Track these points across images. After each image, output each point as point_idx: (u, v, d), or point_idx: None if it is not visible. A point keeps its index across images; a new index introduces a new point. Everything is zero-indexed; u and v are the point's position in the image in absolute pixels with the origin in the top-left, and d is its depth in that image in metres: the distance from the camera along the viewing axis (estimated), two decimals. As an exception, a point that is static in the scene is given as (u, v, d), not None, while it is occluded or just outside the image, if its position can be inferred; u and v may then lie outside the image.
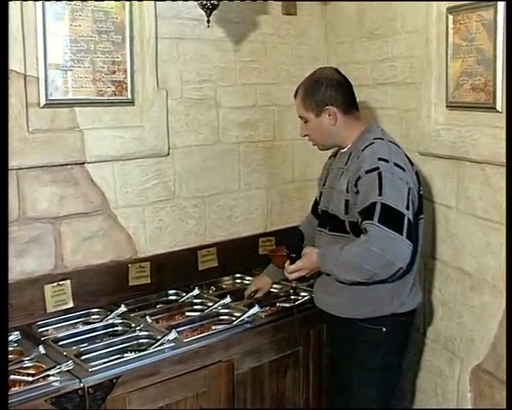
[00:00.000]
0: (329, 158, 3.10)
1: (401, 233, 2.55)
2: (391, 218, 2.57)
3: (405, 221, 2.58)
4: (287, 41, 3.96)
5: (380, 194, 2.59)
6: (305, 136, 2.95)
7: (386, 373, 2.86)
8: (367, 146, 2.74)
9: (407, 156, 2.84)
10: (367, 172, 2.65)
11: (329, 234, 2.86)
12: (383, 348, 2.80)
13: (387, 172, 2.63)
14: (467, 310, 3.14)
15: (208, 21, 3.24)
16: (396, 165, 2.67)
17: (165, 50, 3.43)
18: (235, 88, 3.76)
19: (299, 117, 2.93)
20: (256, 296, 3.38)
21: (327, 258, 2.75)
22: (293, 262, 2.86)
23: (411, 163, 2.84)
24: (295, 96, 2.93)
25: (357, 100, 2.92)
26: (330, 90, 2.81)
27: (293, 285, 3.07)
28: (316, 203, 3.18)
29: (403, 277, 2.71)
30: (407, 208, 2.61)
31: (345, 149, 2.88)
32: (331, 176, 2.94)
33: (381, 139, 2.77)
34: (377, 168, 2.63)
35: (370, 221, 2.58)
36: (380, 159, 2.66)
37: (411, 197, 2.66)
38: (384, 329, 2.77)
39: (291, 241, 2.93)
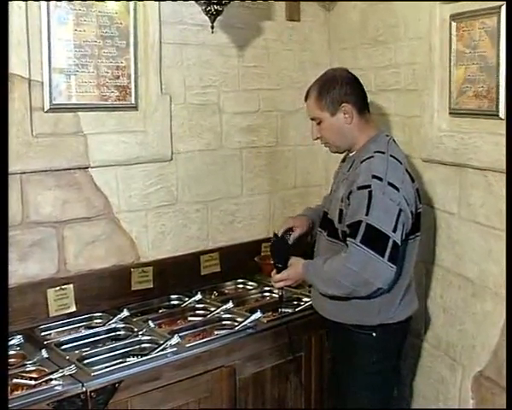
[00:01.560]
0: (342, 161, 3.05)
1: (382, 255, 2.54)
2: (374, 239, 2.56)
3: (389, 244, 2.55)
4: (290, 47, 3.97)
5: (367, 213, 2.57)
6: (317, 139, 2.91)
7: (379, 378, 2.86)
8: (366, 159, 2.70)
9: (409, 173, 2.77)
10: (359, 188, 2.63)
11: (326, 238, 2.88)
12: (374, 352, 2.81)
13: (379, 192, 2.59)
14: (468, 317, 3.14)
15: (212, 27, 3.24)
16: (390, 184, 2.62)
17: (169, 56, 3.44)
18: (238, 93, 3.77)
19: (312, 119, 2.88)
20: (294, 235, 3.02)
21: (310, 270, 2.78)
22: (279, 272, 2.89)
23: (412, 179, 2.79)
24: (306, 97, 2.89)
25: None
26: (346, 88, 2.79)
27: (280, 294, 3.09)
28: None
29: (390, 292, 2.71)
30: (394, 231, 2.58)
31: (351, 155, 2.87)
32: (337, 180, 2.94)
33: (382, 153, 2.71)
34: (369, 186, 2.60)
35: (353, 240, 2.58)
36: (374, 176, 2.62)
37: (402, 219, 2.62)
38: (374, 334, 2.78)
39: (277, 251, 2.95)
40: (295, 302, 3.43)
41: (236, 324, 3.10)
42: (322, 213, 3.02)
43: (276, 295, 3.45)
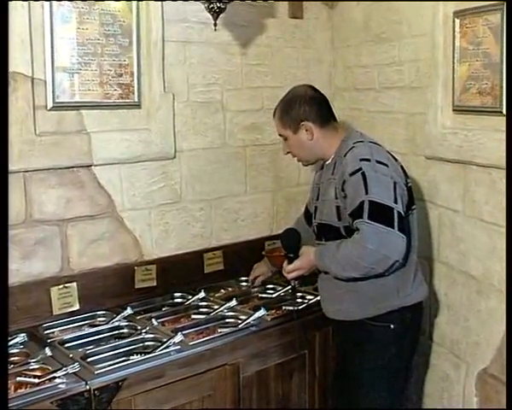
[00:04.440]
0: (316, 172, 3.14)
1: (392, 226, 2.59)
2: (380, 213, 2.61)
3: (395, 214, 2.62)
4: (293, 44, 3.96)
5: (366, 192, 2.63)
6: (288, 153, 3.03)
7: (395, 372, 2.87)
8: (348, 151, 2.79)
9: (390, 154, 2.88)
10: (351, 174, 2.70)
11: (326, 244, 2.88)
12: (392, 346, 2.82)
13: (370, 171, 2.68)
14: (472, 314, 3.13)
15: (215, 25, 3.24)
16: (378, 162, 2.72)
17: (172, 54, 3.44)
18: (241, 91, 3.76)
19: (280, 135, 3.01)
20: (257, 282, 3.59)
21: (324, 256, 2.79)
22: (290, 262, 2.89)
23: (395, 159, 2.89)
24: (274, 116, 3.03)
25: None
26: (304, 107, 2.89)
27: (293, 285, 3.09)
28: (307, 209, 3.30)
29: (402, 269, 2.75)
30: (395, 202, 2.65)
31: (329, 161, 2.92)
32: (322, 190, 2.97)
33: (361, 142, 2.83)
34: (360, 169, 2.69)
35: (361, 219, 2.62)
36: (361, 159, 2.72)
37: (398, 191, 2.70)
38: (392, 326, 2.80)
39: (288, 241, 2.95)
40: (300, 300, 3.43)
41: (240, 321, 3.10)
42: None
43: (279, 293, 3.48)
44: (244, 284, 3.75)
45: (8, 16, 2.74)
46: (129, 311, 3.17)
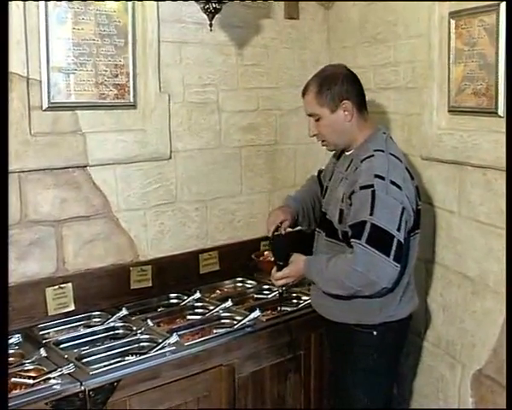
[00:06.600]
0: (334, 157, 3.05)
1: (388, 255, 2.52)
2: (379, 239, 2.54)
3: (394, 243, 2.54)
4: (289, 45, 3.96)
5: (371, 213, 2.55)
6: (314, 136, 2.87)
7: (377, 376, 2.85)
8: (366, 158, 2.68)
9: (408, 170, 2.77)
10: (361, 187, 2.61)
11: (325, 239, 2.87)
12: (374, 350, 2.80)
13: (382, 191, 2.57)
14: (468, 315, 3.13)
15: (211, 25, 3.23)
16: (392, 183, 2.60)
17: (168, 54, 3.44)
18: (237, 92, 3.76)
19: (310, 115, 2.83)
20: (282, 231, 3.04)
21: (312, 268, 2.76)
22: (279, 269, 2.84)
23: (412, 177, 2.78)
24: (304, 93, 2.83)
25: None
26: (347, 85, 2.76)
27: (280, 291, 3.07)
28: (320, 171, 3.22)
29: (391, 290, 2.69)
30: (398, 230, 2.56)
31: (348, 153, 2.85)
32: (334, 177, 2.92)
33: (382, 151, 2.69)
34: (372, 185, 2.58)
35: (358, 240, 2.55)
36: (376, 176, 2.60)
37: (405, 217, 2.61)
38: (375, 333, 2.77)
39: (278, 248, 2.92)
40: (295, 301, 3.43)
41: (235, 322, 3.10)
42: (310, 204, 3.10)
43: (276, 293, 3.47)
44: (240, 284, 3.75)
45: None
46: (124, 311, 3.17)
